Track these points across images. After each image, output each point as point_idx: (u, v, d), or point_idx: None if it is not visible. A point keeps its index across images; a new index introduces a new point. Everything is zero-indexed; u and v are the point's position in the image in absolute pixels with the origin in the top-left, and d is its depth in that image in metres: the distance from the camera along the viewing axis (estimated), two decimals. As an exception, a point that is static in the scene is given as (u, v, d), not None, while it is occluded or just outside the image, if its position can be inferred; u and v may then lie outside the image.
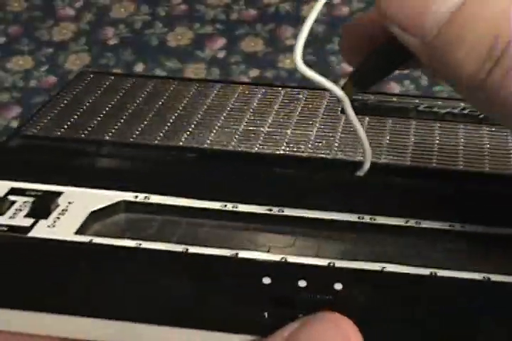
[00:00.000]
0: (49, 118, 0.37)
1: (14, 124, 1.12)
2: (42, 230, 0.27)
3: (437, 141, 0.35)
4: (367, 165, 0.30)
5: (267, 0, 1.25)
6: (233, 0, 1.26)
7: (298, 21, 1.21)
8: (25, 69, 1.21)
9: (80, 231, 0.27)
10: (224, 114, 0.37)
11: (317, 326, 0.23)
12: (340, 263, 0.25)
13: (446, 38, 0.23)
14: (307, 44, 0.26)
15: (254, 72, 1.18)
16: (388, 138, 0.35)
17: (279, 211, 0.28)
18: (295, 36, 1.17)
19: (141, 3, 1.27)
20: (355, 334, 0.23)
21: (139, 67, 1.20)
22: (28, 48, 1.23)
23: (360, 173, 0.31)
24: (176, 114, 0.37)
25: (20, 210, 0.28)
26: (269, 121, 0.37)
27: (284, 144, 0.35)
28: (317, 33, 1.19)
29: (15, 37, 1.25)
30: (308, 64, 0.26)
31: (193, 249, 0.26)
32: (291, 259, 0.26)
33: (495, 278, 0.25)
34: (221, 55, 1.21)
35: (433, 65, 0.24)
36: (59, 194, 0.29)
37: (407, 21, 0.24)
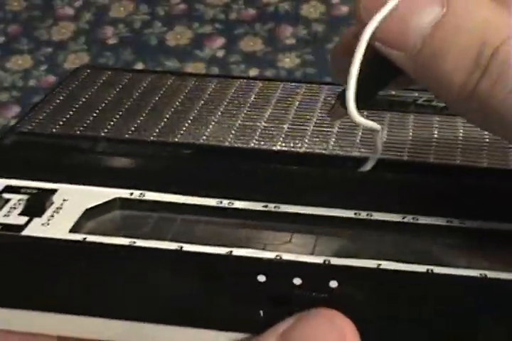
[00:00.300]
0: (45, 114, 0.36)
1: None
2: (36, 228, 0.27)
3: (436, 135, 0.35)
4: (372, 163, 0.30)
5: (266, -1, 1.26)
6: (232, -1, 1.26)
7: (297, 21, 1.21)
8: (25, 68, 1.21)
9: (74, 230, 0.27)
10: (221, 109, 0.37)
11: (312, 322, 0.23)
12: (335, 261, 0.25)
13: (431, 51, 0.23)
14: (306, 44, 0.26)
15: (253, 72, 1.18)
16: (386, 132, 0.35)
17: (275, 207, 0.28)
18: (294, 35, 1.16)
19: (140, 3, 1.27)
20: (351, 331, 0.22)
21: (139, 67, 1.20)
22: (27, 48, 1.23)
23: (364, 169, 0.30)
24: (173, 110, 0.37)
25: (15, 208, 0.28)
26: (266, 116, 0.36)
27: (281, 140, 0.34)
28: (316, 32, 1.19)
29: (14, 36, 1.25)
30: (307, 64, 0.26)
31: (187, 247, 0.26)
32: (286, 257, 0.25)
33: (492, 274, 0.25)
34: (220, 54, 1.21)
35: (421, 79, 0.24)
36: (54, 191, 0.29)
37: (390, 37, 0.24)
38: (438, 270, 0.25)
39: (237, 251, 0.25)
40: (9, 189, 0.29)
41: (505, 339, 0.23)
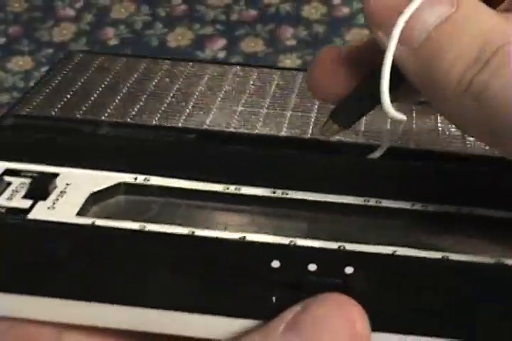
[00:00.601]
0: (42, 97, 0.36)
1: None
2: (42, 212, 0.26)
3: (439, 127, 0.35)
4: (382, 151, 0.30)
5: (267, 0, 1.25)
6: (233, 0, 1.26)
7: (298, 22, 1.21)
8: (26, 69, 1.21)
9: (81, 213, 0.27)
10: (221, 95, 0.37)
11: (319, 308, 0.22)
12: (350, 247, 0.25)
13: (433, 45, 0.23)
14: (307, 45, 0.26)
15: (254, 73, 1.18)
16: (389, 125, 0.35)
17: (283, 194, 0.28)
18: (295, 37, 1.15)
19: (141, 4, 1.27)
20: (361, 316, 0.22)
21: (139, 68, 1.20)
22: (28, 49, 1.23)
23: (373, 156, 0.30)
24: (172, 95, 0.37)
25: (17, 191, 0.27)
26: (267, 102, 0.36)
27: (285, 126, 0.34)
28: (317, 33, 1.19)
29: (15, 37, 1.25)
30: (308, 65, 0.26)
31: (199, 232, 0.25)
32: (301, 242, 0.25)
33: (508, 261, 0.24)
34: (221, 55, 1.21)
35: (417, 77, 0.24)
36: (56, 175, 0.28)
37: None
38: (454, 257, 0.25)
39: (251, 237, 0.25)
40: (9, 172, 0.28)
41: None
